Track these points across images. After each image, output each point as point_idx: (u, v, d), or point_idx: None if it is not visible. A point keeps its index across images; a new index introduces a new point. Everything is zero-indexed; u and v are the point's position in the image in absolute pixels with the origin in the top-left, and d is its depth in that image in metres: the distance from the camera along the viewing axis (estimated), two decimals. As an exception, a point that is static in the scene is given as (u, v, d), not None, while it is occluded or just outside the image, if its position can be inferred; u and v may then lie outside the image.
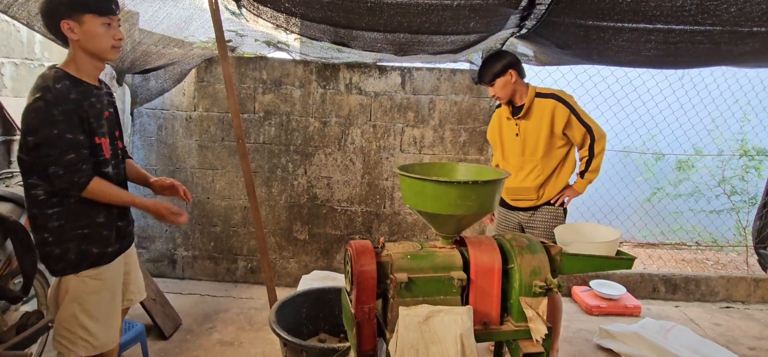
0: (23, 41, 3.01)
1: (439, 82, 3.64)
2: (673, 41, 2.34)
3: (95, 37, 1.66)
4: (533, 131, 2.52)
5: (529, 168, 2.56)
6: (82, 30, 1.65)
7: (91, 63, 1.72)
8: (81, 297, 1.73)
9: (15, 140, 3.00)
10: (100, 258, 1.75)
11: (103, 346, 1.80)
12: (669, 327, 3.05)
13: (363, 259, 1.53)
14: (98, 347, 1.78)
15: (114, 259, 1.81)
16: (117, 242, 1.82)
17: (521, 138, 2.55)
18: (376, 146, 3.69)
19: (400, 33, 2.49)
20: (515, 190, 2.60)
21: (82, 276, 1.72)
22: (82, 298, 1.73)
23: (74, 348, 1.75)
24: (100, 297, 1.76)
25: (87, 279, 1.73)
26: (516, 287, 1.61)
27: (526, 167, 2.57)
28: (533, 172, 2.56)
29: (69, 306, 1.72)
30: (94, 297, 1.75)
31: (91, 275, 1.74)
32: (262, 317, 3.21)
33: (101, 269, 1.76)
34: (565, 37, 2.50)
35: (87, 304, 1.74)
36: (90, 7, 1.63)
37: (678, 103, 4.26)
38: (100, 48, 1.69)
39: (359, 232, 3.78)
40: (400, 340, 1.48)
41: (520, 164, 2.58)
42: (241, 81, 3.64)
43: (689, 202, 4.74)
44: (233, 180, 3.73)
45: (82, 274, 1.72)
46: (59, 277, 1.74)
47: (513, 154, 2.60)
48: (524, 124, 2.54)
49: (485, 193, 1.57)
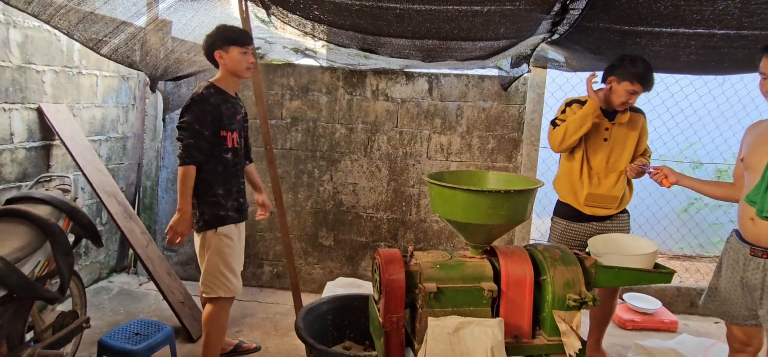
0: (63, 50, 3.13)
1: (467, 89, 3.59)
2: (715, 46, 2.25)
3: (235, 61, 2.32)
4: (622, 140, 2.47)
5: (615, 176, 2.49)
6: (229, 57, 2.31)
7: (232, 79, 2.39)
8: (220, 250, 2.34)
9: (54, 144, 3.11)
10: (224, 219, 2.35)
11: (236, 291, 2.41)
12: (709, 344, 2.91)
13: (392, 268, 1.51)
14: (232, 291, 2.39)
15: (235, 223, 2.40)
16: (235, 212, 2.40)
17: (609, 144, 2.47)
18: (403, 153, 3.67)
19: (429, 39, 2.47)
20: (601, 197, 2.49)
21: (219, 233, 2.33)
22: (221, 251, 2.34)
23: (217, 291, 2.36)
24: (233, 250, 2.37)
25: (222, 236, 2.34)
26: (549, 300, 1.55)
27: (612, 175, 2.49)
28: (620, 180, 2.49)
29: (212, 257, 2.34)
30: (229, 250, 2.36)
31: (224, 232, 2.35)
32: (288, 322, 3.22)
33: (229, 228, 2.36)
34: (599, 43, 2.44)
35: (225, 256, 2.35)
36: (234, 41, 2.31)
37: (718, 109, 4.08)
38: (239, 69, 2.35)
39: (385, 240, 3.76)
40: (428, 351, 1.45)
41: (605, 171, 2.49)
42: (269, 87, 3.68)
43: (730, 213, 4.53)
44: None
45: (218, 231, 2.33)
46: (202, 233, 2.34)
47: (597, 160, 2.49)
48: (616, 131, 2.47)
49: (517, 203, 1.53)
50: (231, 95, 2.41)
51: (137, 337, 2.41)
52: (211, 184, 2.33)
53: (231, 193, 2.39)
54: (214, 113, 2.29)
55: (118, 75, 3.67)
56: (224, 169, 2.36)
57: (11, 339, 1.92)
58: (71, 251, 2.09)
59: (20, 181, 2.87)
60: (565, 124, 2.44)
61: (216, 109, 2.30)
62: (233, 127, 2.39)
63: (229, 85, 2.40)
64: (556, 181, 2.69)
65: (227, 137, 2.36)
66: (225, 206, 2.36)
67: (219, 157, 2.34)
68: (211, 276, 2.35)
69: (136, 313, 3.20)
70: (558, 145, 2.49)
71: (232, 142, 2.39)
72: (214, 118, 2.29)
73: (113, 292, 3.52)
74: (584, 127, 2.38)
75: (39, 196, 2.15)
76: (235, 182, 2.43)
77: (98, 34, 2.33)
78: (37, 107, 2.95)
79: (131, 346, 2.36)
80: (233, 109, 2.41)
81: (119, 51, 2.53)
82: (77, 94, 3.29)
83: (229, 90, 2.40)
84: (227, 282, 2.37)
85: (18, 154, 2.85)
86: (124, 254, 3.90)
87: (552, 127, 2.53)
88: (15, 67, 2.78)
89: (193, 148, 2.24)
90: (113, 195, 3.15)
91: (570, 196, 2.57)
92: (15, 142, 2.82)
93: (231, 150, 2.38)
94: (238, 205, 2.44)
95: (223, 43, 2.31)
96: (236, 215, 2.42)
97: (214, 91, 2.34)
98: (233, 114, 2.40)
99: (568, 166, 2.56)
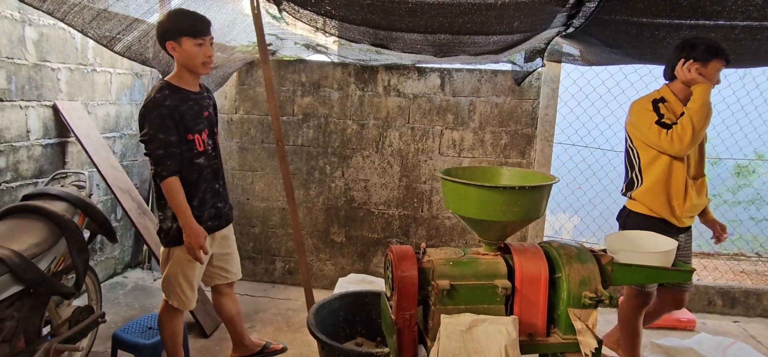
0: (77, 48, 3.17)
1: (480, 84, 3.56)
2: (736, 38, 2.18)
3: (189, 55, 2.06)
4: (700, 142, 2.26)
5: (703, 181, 2.32)
6: (181, 49, 2.05)
7: (188, 75, 2.13)
8: (182, 264, 2.19)
9: (69, 141, 3.15)
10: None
11: (189, 307, 2.27)
12: (728, 344, 2.84)
13: (404, 265, 1.50)
14: (185, 305, 2.25)
15: (211, 233, 2.23)
16: (212, 220, 2.24)
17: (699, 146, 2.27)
18: (414, 149, 3.65)
19: (441, 34, 2.44)
20: (696, 206, 2.29)
21: (182, 248, 2.14)
22: (182, 264, 2.19)
23: (171, 299, 2.24)
24: (194, 265, 2.20)
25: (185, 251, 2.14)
26: (564, 298, 1.52)
27: (703, 180, 2.32)
28: (705, 185, 2.32)
29: (173, 267, 2.20)
30: (191, 264, 2.19)
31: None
32: (300, 318, 3.23)
33: None
34: (616, 36, 2.38)
35: (186, 269, 2.20)
36: (185, 31, 2.03)
37: (738, 104, 3.98)
38: (193, 64, 2.08)
39: (396, 236, 3.75)
40: (441, 349, 1.43)
41: (696, 172, 2.31)
42: (280, 84, 3.69)
43: (750, 209, 4.42)
44: (272, 182, 3.78)
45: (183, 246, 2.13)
46: (166, 248, 2.20)
47: (694, 164, 2.28)
48: None
49: (532, 199, 1.50)
50: (192, 91, 2.15)
51: (151, 332, 2.43)
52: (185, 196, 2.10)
53: (206, 202, 2.20)
54: (173, 116, 2.03)
55: (131, 72, 3.70)
56: (199, 177, 2.15)
57: (28, 333, 1.95)
58: (86, 247, 2.11)
59: (36, 178, 2.91)
60: (686, 118, 2.10)
61: (174, 111, 2.03)
62: (200, 127, 2.14)
63: (187, 81, 2.12)
64: (642, 193, 2.31)
65: (195, 140, 2.12)
66: (199, 218, 2.14)
67: (191, 165, 2.12)
68: (168, 283, 2.22)
69: (151, 308, 3.24)
70: (690, 143, 2.12)
71: (202, 145, 2.15)
72: (175, 121, 2.04)
73: (128, 288, 3.56)
74: (710, 115, 2.11)
75: (55, 193, 2.18)
76: (210, 188, 2.22)
77: (112, 31, 2.35)
78: (53, 105, 2.99)
79: (145, 341, 2.38)
80: (198, 106, 2.15)
81: (132, 48, 2.54)
82: (92, 92, 3.33)
83: (188, 86, 2.13)
84: (182, 295, 2.22)
85: (34, 151, 2.90)
86: (139, 250, 3.95)
87: (663, 128, 2.16)
88: (31, 65, 2.81)
89: (164, 158, 2.01)
90: (127, 191, 3.18)
91: (665, 208, 2.27)
92: (31, 140, 2.86)
93: (202, 153, 2.15)
94: (215, 212, 2.25)
95: (175, 34, 2.02)
96: (213, 223, 2.24)
97: (169, 91, 2.06)
98: (198, 112, 2.15)
99: (667, 173, 2.24)
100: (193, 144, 2.11)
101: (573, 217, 4.47)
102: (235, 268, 2.49)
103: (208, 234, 2.21)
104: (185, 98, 2.11)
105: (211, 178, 2.23)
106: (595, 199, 4.18)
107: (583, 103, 3.88)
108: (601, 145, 4.00)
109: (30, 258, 1.81)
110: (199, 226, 2.10)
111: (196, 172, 2.14)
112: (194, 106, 2.14)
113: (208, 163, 2.19)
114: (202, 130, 2.15)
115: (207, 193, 2.21)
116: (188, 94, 2.13)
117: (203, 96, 2.23)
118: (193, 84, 2.16)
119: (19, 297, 1.83)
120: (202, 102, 2.20)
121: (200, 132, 2.14)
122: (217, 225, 2.29)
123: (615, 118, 3.99)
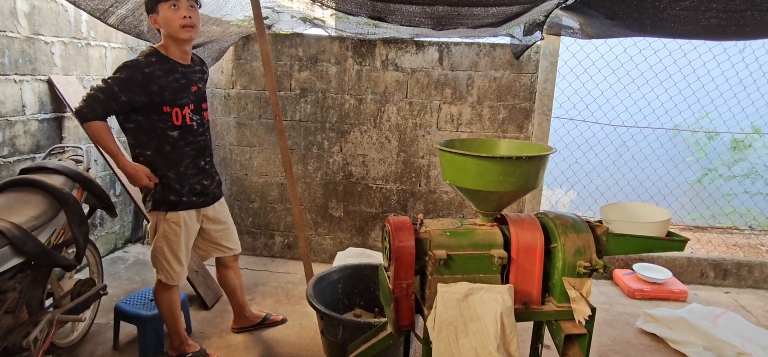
0: (71, 21, 3.12)
1: (478, 58, 3.53)
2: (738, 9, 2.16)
3: (166, 21, 1.99)
4: None
5: None
6: (160, 18, 2.00)
7: (174, 44, 2.06)
8: (167, 236, 2.17)
9: (65, 116, 3.13)
10: (175, 204, 2.15)
11: (176, 280, 2.24)
12: (718, 313, 2.90)
13: (402, 235, 1.52)
14: (173, 280, 2.23)
15: (196, 208, 2.22)
16: (196, 196, 2.21)
17: None
18: (412, 123, 3.64)
19: (440, 5, 2.41)
20: None
21: (168, 219, 2.15)
22: (167, 237, 2.17)
23: (158, 273, 2.24)
24: (179, 238, 2.18)
25: (171, 223, 2.16)
26: (559, 267, 1.55)
27: None
28: None
29: (159, 240, 2.18)
30: (175, 238, 2.17)
31: (173, 219, 2.16)
32: (299, 291, 3.27)
33: (179, 215, 2.16)
34: (615, 7, 2.36)
35: (171, 243, 2.18)
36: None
37: (737, 77, 3.97)
38: (172, 30, 2.00)
39: (394, 210, 3.77)
40: (438, 316, 1.46)
41: None
42: (277, 58, 3.65)
43: (744, 183, 4.45)
44: (270, 157, 3.78)
45: (167, 217, 2.14)
46: (153, 213, 2.17)
47: None
48: None
49: (529, 169, 1.51)
50: (180, 63, 2.08)
51: (152, 304, 2.47)
52: (158, 166, 2.09)
53: (186, 176, 2.15)
54: (146, 84, 1.97)
55: (126, 46, 3.66)
56: (172, 149, 2.09)
57: (31, 305, 1.98)
58: (86, 220, 2.12)
59: (33, 153, 2.91)
60: None
61: (149, 78, 1.97)
62: (183, 101, 2.08)
63: (173, 52, 2.07)
64: None
65: (173, 114, 2.05)
66: (178, 191, 2.13)
67: (163, 137, 2.07)
68: (154, 256, 2.22)
69: (152, 282, 3.27)
70: None
71: (182, 119, 2.08)
72: (147, 89, 1.97)
73: (129, 262, 3.60)
74: None
75: (52, 167, 2.18)
76: (194, 164, 2.17)
77: (104, 3, 2.32)
78: (48, 79, 2.97)
79: (146, 312, 2.42)
80: (185, 79, 2.09)
81: (126, 20, 2.51)
82: (86, 66, 3.29)
83: (176, 57, 2.07)
84: (169, 268, 2.20)
85: (31, 126, 2.88)
86: (139, 225, 3.97)
87: None
88: (24, 38, 2.78)
89: (97, 105, 1.92)
90: (125, 166, 3.18)
91: None
92: (27, 114, 2.85)
93: (179, 127, 2.09)
94: (200, 188, 2.22)
95: (153, 4, 1.99)
96: (197, 199, 2.21)
97: (155, 58, 2.01)
98: (185, 86, 2.09)
99: None
100: (168, 116, 2.06)
101: (570, 192, 4.50)
102: (233, 243, 2.50)
103: (193, 210, 2.21)
104: (172, 69, 2.06)
105: (196, 154, 2.19)
106: (591, 173, 4.20)
107: (582, 77, 3.86)
108: (599, 120, 4.00)
109: (29, 230, 1.82)
110: (133, 163, 2.07)
111: (169, 144, 2.09)
112: (181, 78, 2.08)
113: (186, 137, 2.13)
114: (185, 104, 2.10)
115: (189, 168, 2.17)
116: (176, 65, 2.08)
117: (194, 70, 2.17)
118: (181, 56, 2.10)
119: (21, 269, 1.85)
120: (191, 76, 2.14)
121: (182, 106, 2.08)
122: (203, 202, 2.26)
123: (613, 92, 3.98)
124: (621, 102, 4.02)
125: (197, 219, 2.28)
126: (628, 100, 4.02)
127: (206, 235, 2.39)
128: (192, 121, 2.14)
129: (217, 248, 2.46)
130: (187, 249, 2.26)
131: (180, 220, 2.17)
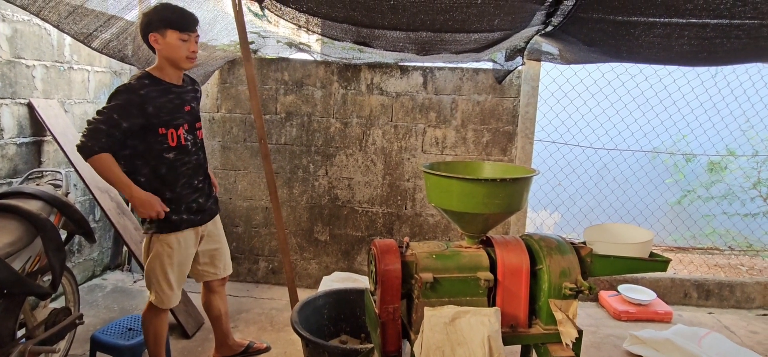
0: (53, 44, 3.09)
1: (462, 82, 3.59)
2: (708, 37, 2.25)
3: (172, 47, 2.04)
4: None
5: None
6: (165, 42, 2.03)
7: (170, 68, 2.10)
8: (160, 257, 2.15)
9: (45, 140, 3.07)
10: (177, 224, 2.14)
11: (167, 304, 2.21)
12: (703, 334, 2.93)
13: (387, 259, 1.51)
14: (163, 303, 2.20)
15: (193, 226, 2.21)
16: (194, 214, 2.21)
17: None
18: (398, 147, 3.66)
19: (423, 31, 2.45)
20: None
21: (161, 240, 2.13)
22: (160, 258, 2.15)
23: (150, 294, 2.21)
24: (172, 261, 2.16)
25: (164, 244, 2.14)
26: (545, 289, 1.56)
27: None
28: None
29: (152, 261, 2.16)
30: (168, 260, 2.15)
31: (166, 241, 2.14)
32: (284, 318, 3.21)
33: (172, 237, 2.14)
34: (593, 34, 2.43)
35: (163, 264, 2.15)
36: (172, 23, 2.02)
37: (710, 101, 4.11)
38: (177, 57, 2.06)
39: (380, 234, 3.75)
40: (425, 341, 1.45)
41: None
42: (263, 82, 3.66)
43: (722, 204, 4.56)
44: (255, 181, 3.75)
45: (160, 237, 2.12)
46: (147, 235, 2.16)
47: None
48: None
49: (513, 191, 1.53)
50: (174, 84, 2.12)
51: (130, 333, 2.39)
52: (154, 189, 2.07)
53: (182, 196, 2.15)
54: (143, 107, 1.98)
55: (110, 70, 3.63)
56: (168, 170, 2.10)
57: (2, 335, 1.90)
58: (63, 246, 2.06)
59: (11, 178, 2.84)
60: None
61: (146, 101, 1.98)
62: (178, 121, 2.11)
63: (168, 74, 2.10)
64: None
65: (168, 135, 2.07)
66: (177, 210, 2.13)
67: (159, 159, 2.07)
68: (148, 278, 2.19)
69: (131, 310, 3.18)
70: None
71: (176, 140, 2.10)
72: (144, 112, 1.99)
73: (107, 290, 3.49)
74: None
75: (30, 192, 2.13)
76: (189, 184, 2.18)
77: (89, 27, 2.30)
78: (28, 102, 2.92)
79: (124, 342, 2.34)
80: (179, 100, 2.12)
81: (111, 45, 2.50)
82: (68, 90, 3.25)
83: (170, 79, 2.11)
84: (160, 291, 2.17)
85: (8, 150, 2.82)
86: (118, 251, 3.87)
87: None
88: (4, 61, 2.74)
89: (101, 135, 1.92)
90: (106, 191, 3.12)
91: None
92: (5, 138, 2.79)
93: (174, 148, 2.10)
94: (197, 206, 2.22)
95: (160, 25, 2.01)
96: (195, 217, 2.21)
97: (148, 81, 2.04)
98: (179, 106, 2.12)
99: None
100: (164, 138, 2.07)
101: (554, 214, 4.55)
102: (224, 264, 2.46)
103: (191, 228, 2.20)
104: (166, 90, 2.08)
105: (191, 174, 2.19)
106: (575, 195, 4.26)
107: (563, 101, 3.95)
108: (581, 143, 4.08)
109: (3, 257, 1.76)
110: (145, 192, 2.04)
111: (165, 165, 2.09)
112: (175, 99, 2.11)
113: (182, 158, 2.14)
114: (180, 124, 2.12)
115: (185, 188, 2.17)
116: (170, 86, 2.11)
117: (186, 89, 2.20)
118: (175, 77, 2.14)
119: (-7, 298, 1.78)
120: (184, 96, 2.17)
121: (177, 127, 2.11)
122: (200, 219, 2.26)
123: (593, 116, 4.08)
124: (601, 125, 4.12)
125: (195, 238, 2.26)
126: (608, 123, 4.12)
127: (198, 256, 2.35)
128: (186, 141, 2.16)
129: (208, 269, 2.41)
130: (181, 272, 2.23)
131: (173, 241, 2.15)
